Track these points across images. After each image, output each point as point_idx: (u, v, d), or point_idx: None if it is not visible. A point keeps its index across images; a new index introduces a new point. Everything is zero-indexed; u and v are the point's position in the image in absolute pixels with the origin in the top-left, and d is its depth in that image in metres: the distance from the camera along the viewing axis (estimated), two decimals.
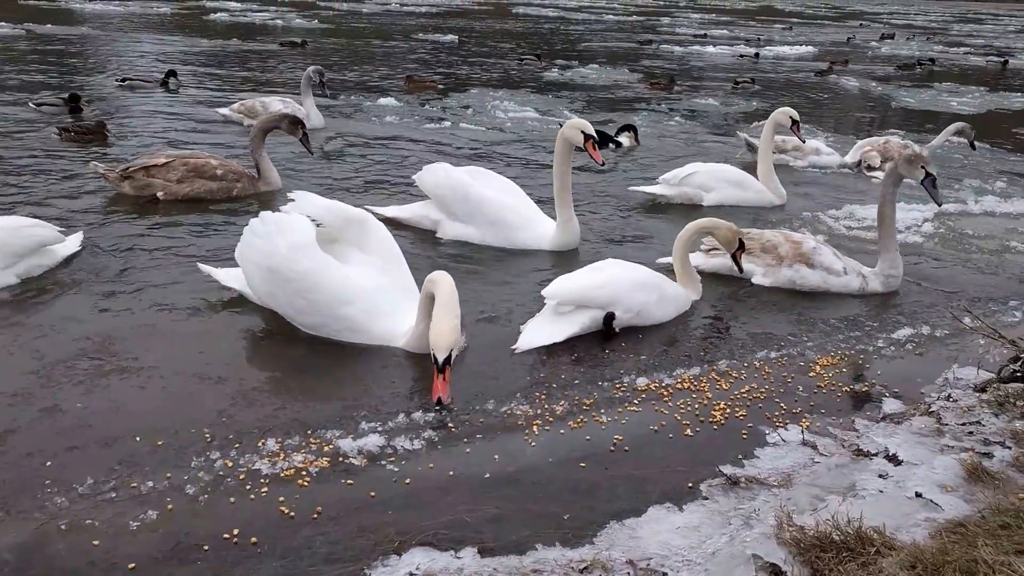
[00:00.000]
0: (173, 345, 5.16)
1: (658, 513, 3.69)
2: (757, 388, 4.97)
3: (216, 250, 6.73)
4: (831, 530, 3.34)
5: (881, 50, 33.24)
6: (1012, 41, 40.98)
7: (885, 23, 50.34)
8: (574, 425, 4.46)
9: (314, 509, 3.66)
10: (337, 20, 34.94)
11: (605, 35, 34.34)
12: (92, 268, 6.30)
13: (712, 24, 44.04)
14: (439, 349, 4.58)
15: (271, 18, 33.16)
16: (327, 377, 4.94)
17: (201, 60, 20.10)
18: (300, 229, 5.37)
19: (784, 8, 62.11)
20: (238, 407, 4.46)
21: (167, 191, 8.17)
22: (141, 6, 35.87)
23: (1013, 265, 7.47)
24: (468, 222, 7.33)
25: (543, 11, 47.30)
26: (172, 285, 6.06)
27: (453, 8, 46.72)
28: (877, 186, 9.98)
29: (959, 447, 4.23)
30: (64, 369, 4.77)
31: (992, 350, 5.57)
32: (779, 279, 6.65)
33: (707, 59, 27.52)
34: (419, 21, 35.94)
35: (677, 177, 8.96)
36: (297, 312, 5.36)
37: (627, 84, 19.93)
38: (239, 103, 12.23)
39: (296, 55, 21.62)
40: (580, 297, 5.64)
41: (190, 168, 8.28)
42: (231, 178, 8.45)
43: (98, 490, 3.70)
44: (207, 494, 3.73)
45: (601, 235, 7.88)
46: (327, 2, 44.16)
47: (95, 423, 4.24)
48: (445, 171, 7.45)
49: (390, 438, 4.21)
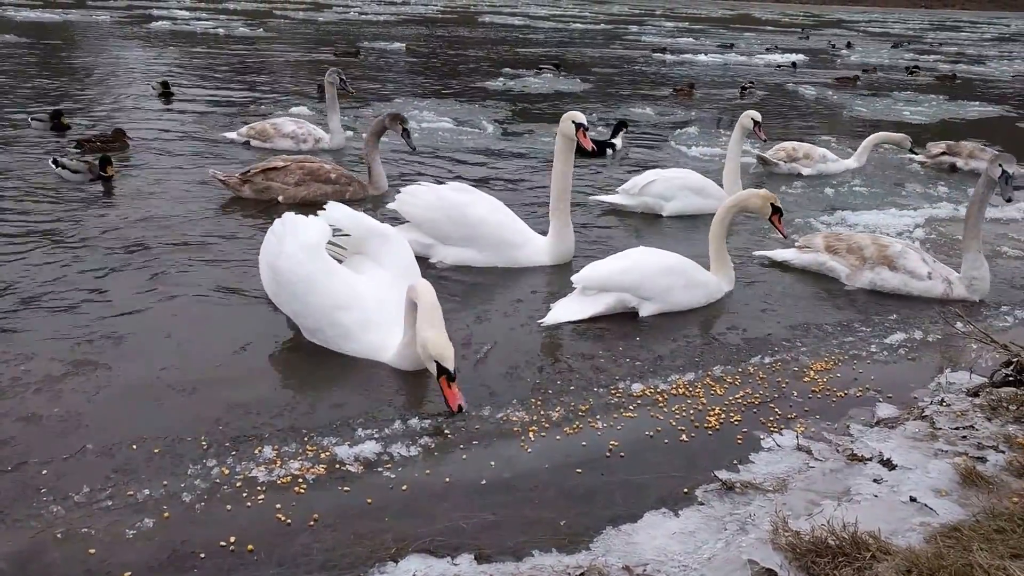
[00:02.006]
0: (170, 352, 5.16)
1: (654, 519, 3.70)
2: (752, 393, 4.99)
3: None
4: (827, 535, 3.36)
5: (851, 58, 32.94)
6: (986, 49, 40.71)
7: (861, 31, 50.21)
8: (570, 431, 4.47)
9: (311, 516, 3.66)
10: (284, 29, 33.70)
11: (569, 44, 33.51)
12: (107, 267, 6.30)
13: (685, 32, 43.16)
14: (447, 360, 4.52)
15: (214, 27, 31.89)
16: (324, 384, 4.93)
17: (181, 73, 20.02)
18: (311, 232, 5.38)
19: (761, 16, 61.85)
20: (235, 414, 4.45)
21: (285, 194, 8.45)
22: (81, 15, 34.61)
23: (1004, 270, 7.51)
24: (467, 245, 6.86)
25: (510, 19, 46.21)
26: (180, 293, 6.11)
27: (415, 16, 45.74)
28: (866, 195, 10.10)
29: (953, 452, 4.25)
30: (59, 376, 4.77)
31: (984, 354, 5.61)
32: (861, 280, 6.82)
33: (700, 66, 27.58)
34: (373, 29, 35.00)
35: (636, 187, 8.75)
36: (295, 315, 5.38)
37: (575, 93, 19.20)
38: (247, 127, 11.50)
39: (252, 67, 20.74)
40: (607, 281, 6.03)
41: (307, 172, 8.53)
42: (344, 182, 8.68)
43: (94, 498, 3.70)
44: (203, 502, 3.72)
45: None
46: (283, 11, 42.93)
47: (91, 431, 4.23)
48: (435, 193, 6.95)
49: (387, 445, 4.21)
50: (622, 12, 59.72)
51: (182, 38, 27.35)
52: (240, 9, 43.56)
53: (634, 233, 8.20)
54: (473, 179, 9.61)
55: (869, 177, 11.30)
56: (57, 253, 6.76)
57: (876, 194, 10.30)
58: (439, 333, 4.59)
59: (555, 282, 6.73)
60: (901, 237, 8.33)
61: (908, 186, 10.70)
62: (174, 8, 40.17)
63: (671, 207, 8.75)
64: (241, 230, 7.64)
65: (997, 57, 35.20)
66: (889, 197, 10.14)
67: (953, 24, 62.72)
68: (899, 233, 8.49)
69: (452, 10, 52.62)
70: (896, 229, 8.60)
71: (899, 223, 8.85)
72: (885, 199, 10.03)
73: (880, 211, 9.36)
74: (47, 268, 6.43)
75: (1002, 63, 32.00)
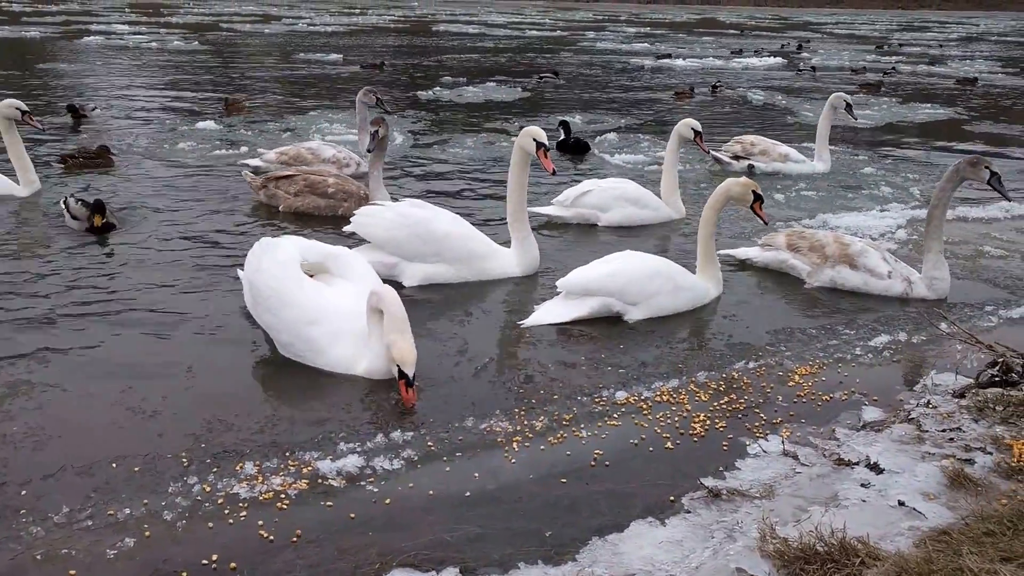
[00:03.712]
0: (149, 369, 5.10)
1: (640, 528, 3.67)
2: (737, 399, 4.97)
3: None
4: (815, 541, 3.34)
5: (812, 61, 32.39)
6: (950, 49, 40.26)
7: (826, 33, 49.78)
8: (554, 441, 4.43)
9: (293, 532, 3.61)
10: (223, 43, 31.72)
11: (518, 51, 32.41)
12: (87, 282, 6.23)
13: (644, 37, 41.61)
14: (407, 365, 4.71)
15: (147, 40, 30.38)
16: (305, 398, 4.89)
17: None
18: (283, 248, 5.55)
19: (726, 20, 61.30)
20: (216, 431, 4.40)
21: (285, 204, 8.52)
22: (11, 30, 32.95)
23: (987, 270, 7.53)
24: (435, 261, 6.68)
25: (465, 28, 44.72)
26: (159, 308, 6.05)
27: (366, 27, 43.83)
28: (846, 197, 10.13)
29: (940, 454, 4.24)
30: (36, 395, 4.71)
31: (969, 355, 5.61)
32: (821, 278, 6.82)
33: (679, 70, 27.57)
34: (316, 41, 33.34)
35: (570, 198, 8.52)
36: (270, 328, 5.40)
37: (507, 102, 18.39)
38: (276, 152, 10.44)
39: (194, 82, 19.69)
40: (592, 286, 6.06)
41: (308, 183, 8.52)
42: (340, 197, 8.52)
43: (74, 518, 3.64)
44: (185, 519, 3.67)
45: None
46: (230, 24, 41.23)
47: (70, 450, 4.17)
48: (394, 211, 6.73)
49: (369, 458, 4.17)
50: (585, 19, 58.43)
51: (112, 52, 26.18)
52: (183, 23, 41.65)
53: (569, 245, 7.97)
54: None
55: (845, 178, 11.32)
56: (41, 268, 6.69)
57: (855, 196, 10.29)
58: (404, 338, 4.77)
59: (529, 292, 6.73)
60: (884, 239, 8.36)
61: (883, 189, 10.69)
62: (115, 23, 38.31)
63: (607, 218, 8.55)
64: (225, 250, 7.54)
65: (959, 57, 35.11)
66: (865, 200, 10.09)
67: (921, 24, 62.52)
68: (881, 235, 8.52)
69: (407, 20, 50.93)
70: (878, 231, 8.63)
71: (881, 224, 8.88)
72: (865, 201, 10.04)
73: (861, 213, 9.38)
74: (27, 284, 6.36)
75: (964, 63, 31.94)
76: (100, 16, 43.71)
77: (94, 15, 44.27)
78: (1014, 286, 7.12)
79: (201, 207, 8.76)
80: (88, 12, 45.30)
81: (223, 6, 57.10)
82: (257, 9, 54.52)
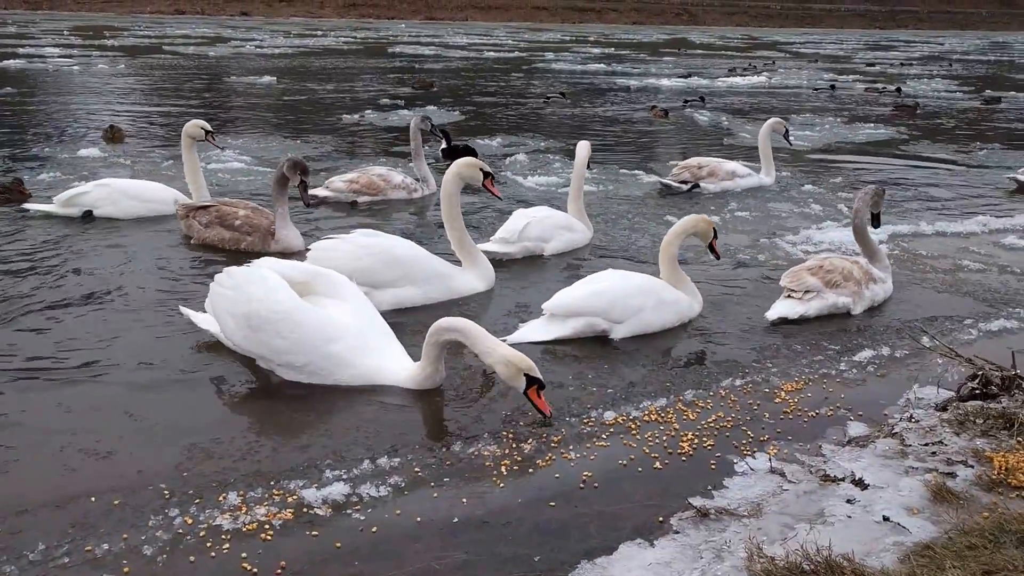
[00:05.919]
0: (127, 399, 5.03)
1: (629, 550, 3.65)
2: (724, 417, 4.98)
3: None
4: (801, 560, 3.33)
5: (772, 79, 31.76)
6: (911, 68, 39.76)
7: (792, 52, 49.53)
8: (542, 463, 4.41)
9: (278, 564, 3.56)
10: (154, 66, 29.42)
11: (461, 73, 30.73)
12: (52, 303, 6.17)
13: (602, 59, 39.68)
14: (535, 370, 4.86)
15: (70, 64, 27.84)
16: (289, 425, 4.84)
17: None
18: (269, 275, 5.45)
19: (697, 40, 60.82)
20: (196, 460, 4.34)
21: (197, 235, 8.33)
22: None
23: (966, 284, 7.60)
24: (404, 284, 6.65)
25: (422, 49, 42.50)
26: (126, 337, 5.94)
27: (316, 49, 41.21)
28: (821, 213, 10.20)
29: (923, 468, 4.26)
30: (9, 426, 4.63)
31: (950, 369, 5.64)
32: (863, 304, 6.88)
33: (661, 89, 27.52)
34: (255, 64, 31.57)
35: (514, 233, 8.20)
36: (277, 353, 5.29)
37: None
38: (345, 180, 10.16)
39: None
40: (577, 306, 6.10)
41: (219, 215, 8.29)
42: (244, 231, 8.15)
43: (50, 555, 3.57)
44: (166, 554, 3.61)
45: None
46: (172, 47, 38.55)
47: (46, 484, 4.10)
48: (351, 242, 6.62)
49: (355, 486, 4.13)
50: (551, 40, 57.25)
51: (26, 76, 24.39)
52: (120, 45, 39.15)
53: (517, 275, 7.79)
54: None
55: (820, 193, 11.36)
56: (8, 291, 6.62)
57: (829, 211, 10.36)
58: (509, 348, 4.97)
59: (498, 309, 6.77)
60: (860, 255, 8.40)
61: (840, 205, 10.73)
62: (46, 46, 35.66)
63: (551, 247, 8.42)
64: (191, 276, 7.46)
65: (916, 76, 35.00)
66: (840, 215, 10.16)
67: (888, 43, 62.73)
68: (858, 251, 8.53)
69: (364, 41, 48.49)
70: (856, 247, 8.63)
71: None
72: (842, 215, 10.09)
73: (844, 228, 9.41)
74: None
75: (920, 82, 31.82)
76: (34, 39, 40.77)
77: (27, 37, 41.53)
78: (992, 299, 7.18)
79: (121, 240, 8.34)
80: (23, 35, 42.82)
81: (176, 28, 54.77)
82: (210, 31, 52.34)
